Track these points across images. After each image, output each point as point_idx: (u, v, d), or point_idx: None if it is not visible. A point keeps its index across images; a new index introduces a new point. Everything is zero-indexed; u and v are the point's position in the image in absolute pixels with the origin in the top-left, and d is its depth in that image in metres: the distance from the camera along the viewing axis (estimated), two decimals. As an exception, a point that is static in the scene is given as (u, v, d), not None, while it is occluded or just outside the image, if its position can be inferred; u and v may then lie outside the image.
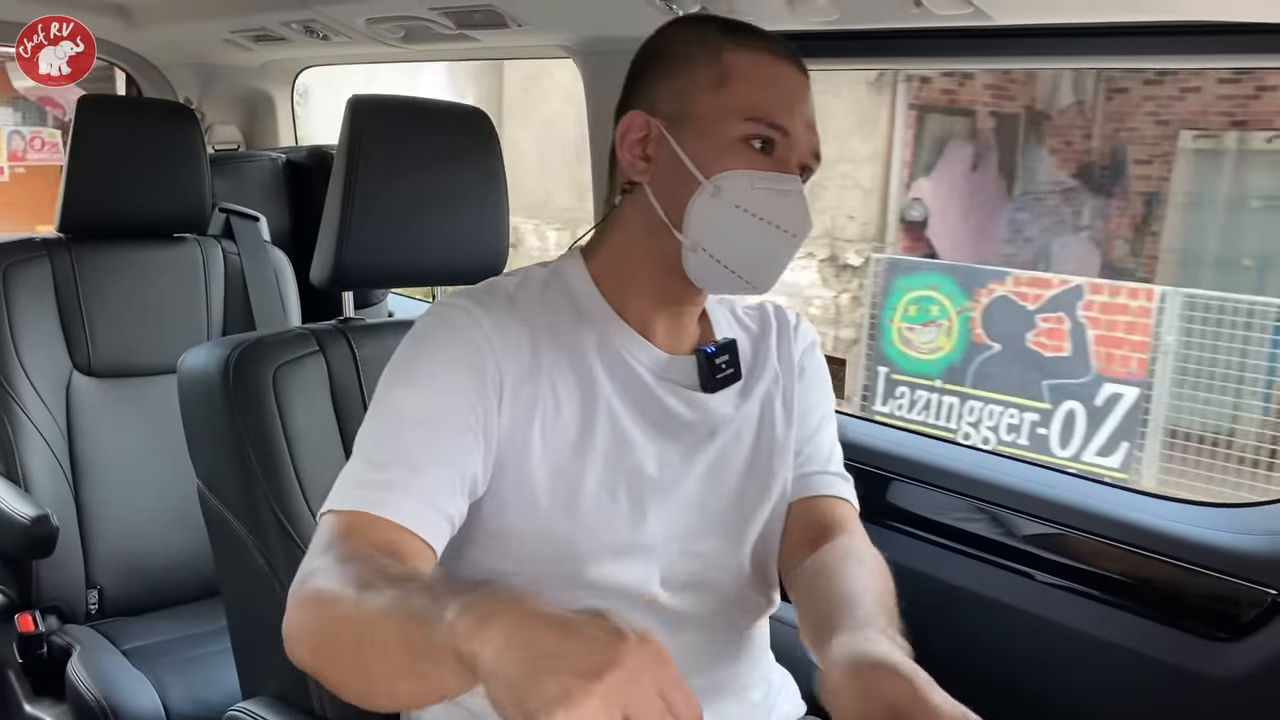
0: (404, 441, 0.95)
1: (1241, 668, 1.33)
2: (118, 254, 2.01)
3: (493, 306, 1.02)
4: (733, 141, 1.01)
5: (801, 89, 1.05)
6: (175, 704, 1.64)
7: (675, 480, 1.06)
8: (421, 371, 0.99)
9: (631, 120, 1.05)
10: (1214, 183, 6.94)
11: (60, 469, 1.89)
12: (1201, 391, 5.52)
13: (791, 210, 1.02)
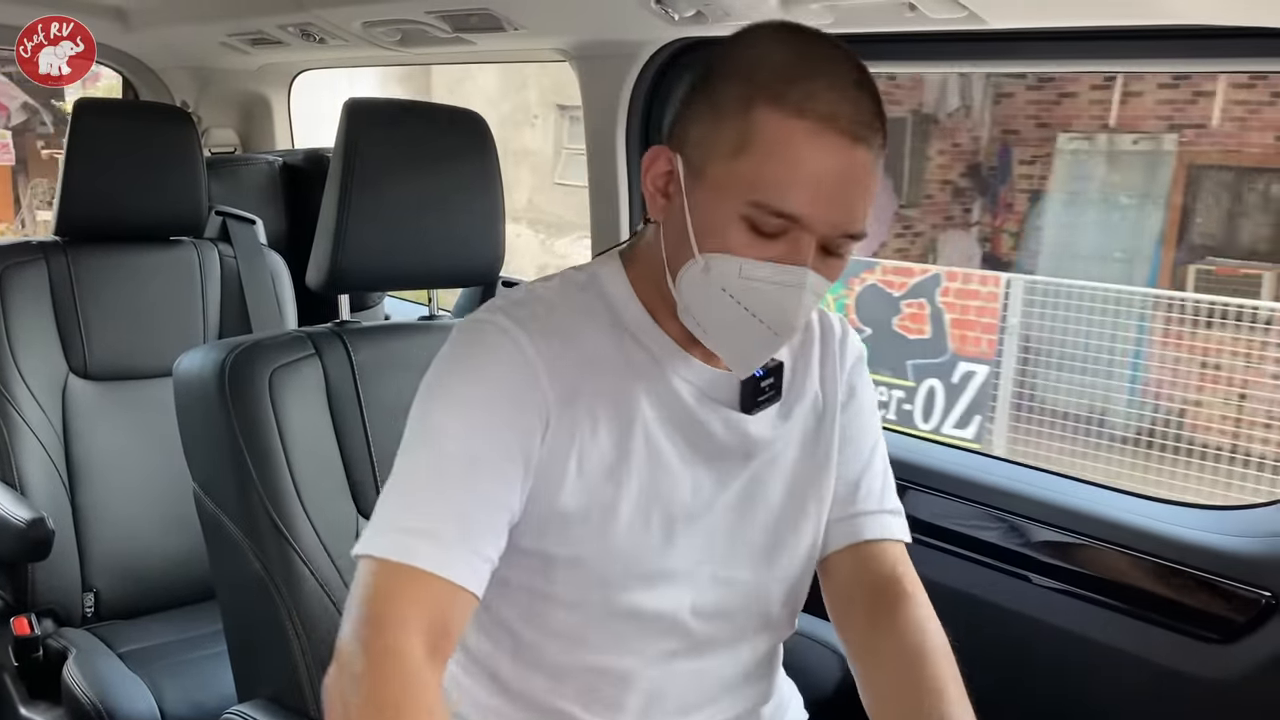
0: (448, 482, 0.91)
1: (1237, 670, 1.33)
2: (114, 257, 2.01)
3: (533, 324, 0.96)
4: (733, 219, 0.91)
5: (841, 169, 0.89)
6: (171, 707, 1.64)
7: (706, 506, 1.02)
8: (463, 401, 0.94)
9: (657, 155, 0.97)
10: (1087, 181, 7.55)
11: (56, 472, 1.89)
12: (1042, 369, 6.11)
13: (781, 306, 0.92)
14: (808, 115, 0.88)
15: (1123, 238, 7.44)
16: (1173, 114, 7.29)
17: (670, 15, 1.55)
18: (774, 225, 0.90)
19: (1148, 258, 7.35)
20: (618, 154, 1.90)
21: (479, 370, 0.95)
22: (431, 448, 0.93)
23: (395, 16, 1.92)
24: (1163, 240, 7.33)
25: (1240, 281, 6.74)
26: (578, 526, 0.97)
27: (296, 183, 2.61)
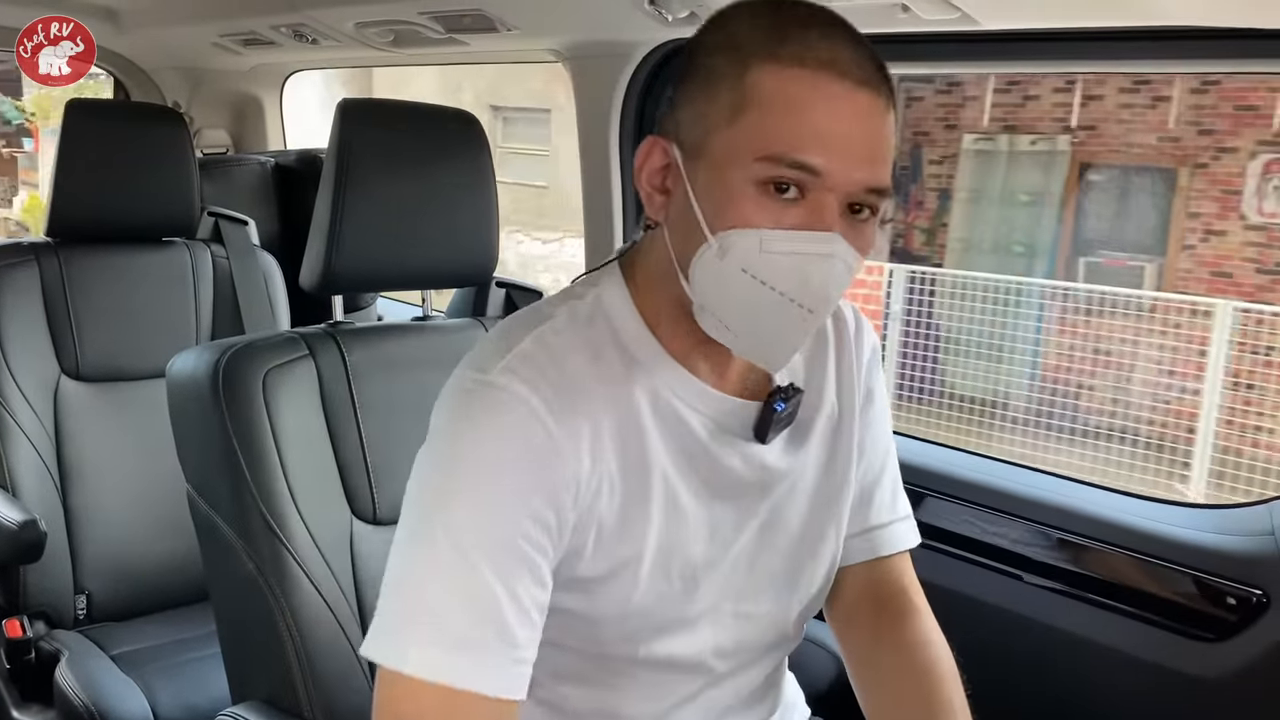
0: (478, 586, 0.81)
1: (1228, 667, 1.34)
2: (106, 258, 2.00)
3: (546, 386, 0.86)
4: (745, 187, 0.82)
5: (851, 113, 0.82)
6: (164, 709, 1.63)
7: (726, 545, 0.96)
8: (481, 488, 0.83)
9: (651, 147, 0.90)
10: (991, 180, 8.01)
11: (48, 474, 1.89)
12: (921, 351, 6.64)
13: (811, 279, 0.83)
14: (807, 63, 0.82)
15: (1023, 233, 7.91)
16: (1066, 116, 7.70)
17: (663, 16, 1.55)
18: (790, 178, 0.82)
19: (1046, 251, 7.78)
20: (611, 155, 1.90)
21: (495, 449, 0.84)
22: (453, 550, 0.82)
23: (388, 17, 1.92)
24: (1059, 235, 7.77)
25: (1125, 273, 7.20)
26: (598, 587, 0.91)
27: (289, 183, 2.60)
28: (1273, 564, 1.32)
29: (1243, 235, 7.04)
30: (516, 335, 0.90)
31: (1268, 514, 1.39)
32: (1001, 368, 6.57)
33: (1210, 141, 7.15)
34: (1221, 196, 7.13)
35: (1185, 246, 7.31)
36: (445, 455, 0.85)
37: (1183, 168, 7.27)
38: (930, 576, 1.57)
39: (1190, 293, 6.69)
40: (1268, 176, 6.89)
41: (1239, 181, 7.01)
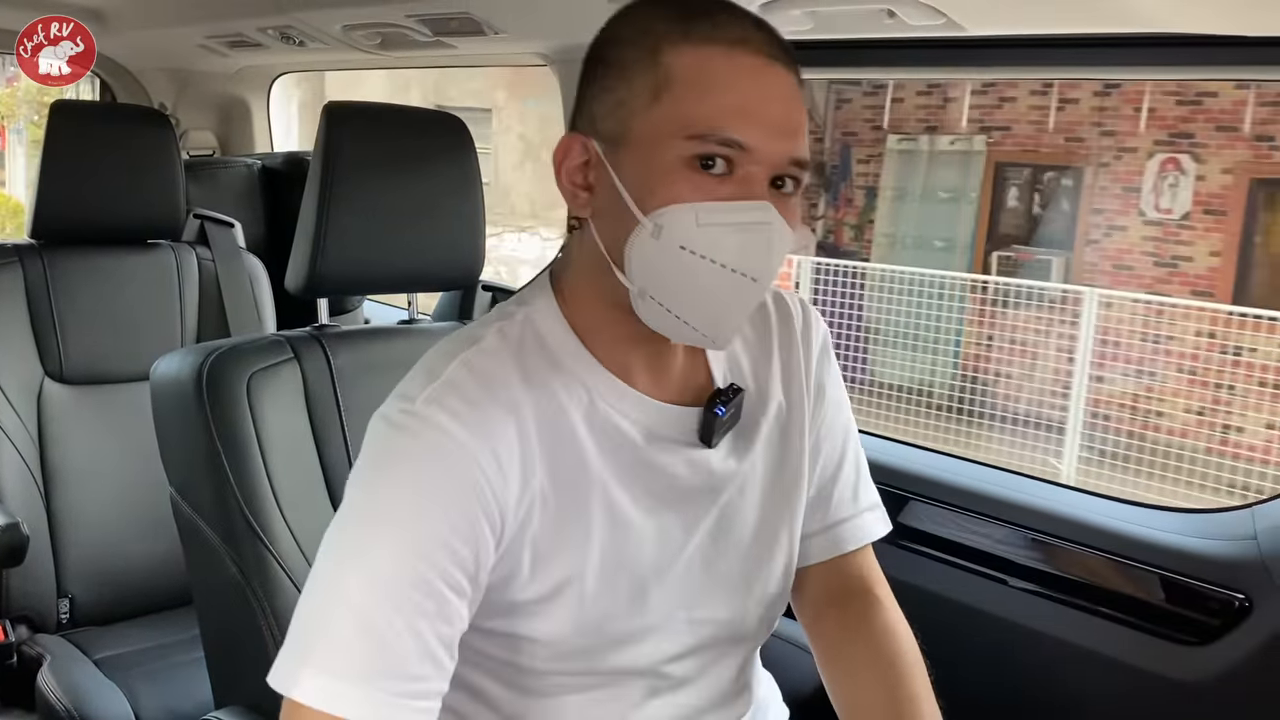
0: (380, 616, 0.80)
1: (1212, 671, 1.34)
2: (90, 260, 1.99)
3: (466, 411, 0.85)
4: (674, 166, 0.83)
5: (767, 86, 0.85)
6: (147, 713, 1.62)
7: (676, 552, 0.94)
8: (396, 525, 0.82)
9: (569, 145, 0.89)
10: (913, 178, 8.48)
11: (31, 477, 1.88)
12: (840, 341, 6.85)
13: (749, 248, 0.84)
14: (718, 41, 0.84)
15: (943, 228, 8.34)
16: (982, 117, 8.20)
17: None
18: (718, 154, 0.83)
19: (965, 246, 8.23)
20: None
21: (414, 487, 0.83)
22: (358, 576, 0.81)
23: (375, 20, 1.92)
24: (975, 230, 8.24)
25: (1034, 266, 7.67)
26: (540, 609, 0.89)
27: (275, 186, 2.60)
28: (1255, 568, 1.33)
29: (1141, 230, 7.48)
30: (443, 362, 0.89)
31: (1250, 518, 1.40)
32: (925, 357, 6.96)
33: (1112, 142, 7.57)
34: (1122, 194, 7.58)
35: (1090, 241, 7.75)
36: (367, 487, 0.85)
37: (1088, 167, 7.73)
38: (914, 580, 1.58)
39: (1095, 285, 7.05)
40: (1163, 175, 7.36)
41: (1138, 179, 7.47)
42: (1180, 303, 6.67)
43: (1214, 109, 7.15)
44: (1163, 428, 6.38)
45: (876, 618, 1.06)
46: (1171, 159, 7.31)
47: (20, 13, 2.10)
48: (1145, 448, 6.16)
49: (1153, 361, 6.47)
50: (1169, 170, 7.34)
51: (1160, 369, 6.49)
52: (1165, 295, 6.81)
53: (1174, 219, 7.37)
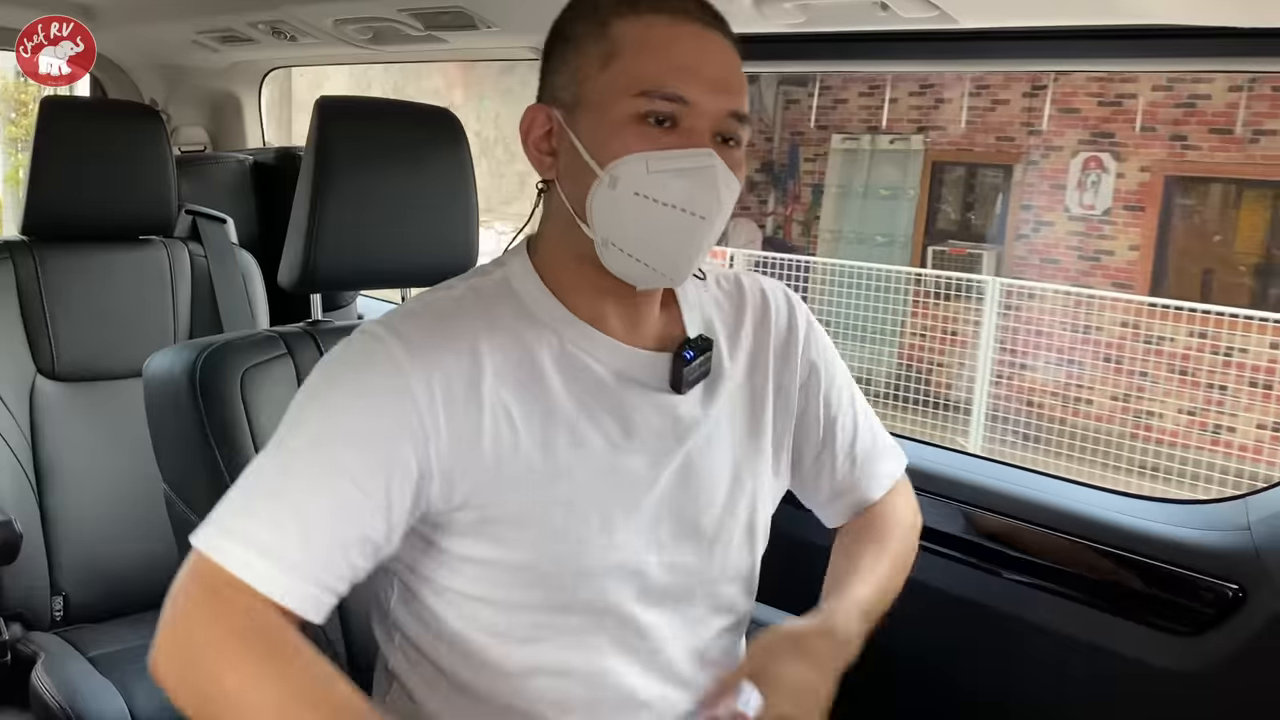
0: (296, 487, 0.89)
1: (1204, 661, 1.35)
2: (82, 256, 1.99)
3: (416, 335, 0.93)
4: (625, 122, 0.92)
5: (706, 49, 0.95)
6: (142, 710, 1.62)
7: (643, 492, 0.99)
8: (329, 407, 0.92)
9: (533, 115, 0.99)
10: (856, 176, 8.96)
11: (24, 474, 1.87)
12: None
13: (696, 189, 0.92)
14: (661, 11, 0.94)
15: (883, 224, 8.82)
16: (920, 118, 8.62)
17: (643, 14, 1.55)
18: (663, 110, 0.92)
19: (905, 241, 8.67)
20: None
21: (350, 379, 0.92)
22: (286, 446, 0.91)
23: (367, 14, 1.91)
24: (914, 226, 8.68)
25: (966, 260, 8.10)
26: (511, 532, 0.94)
27: (268, 181, 2.59)
28: (1249, 559, 1.33)
29: (1067, 225, 7.92)
30: (414, 301, 1.00)
31: (1244, 509, 1.40)
32: (868, 347, 7.35)
33: (1040, 141, 8.02)
34: (1049, 191, 8.01)
35: (1020, 236, 8.21)
36: (311, 387, 0.94)
37: (1017, 165, 8.16)
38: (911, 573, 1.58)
39: (1023, 278, 7.69)
40: (1086, 172, 7.81)
41: (1064, 177, 7.93)
42: (1094, 293, 7.08)
43: (1133, 110, 7.57)
44: (1091, 414, 6.77)
45: (878, 507, 1.18)
46: (1094, 157, 7.76)
47: (11, 9, 2.09)
48: (1068, 432, 6.53)
49: (1080, 351, 6.86)
50: (1091, 168, 7.78)
51: (1088, 358, 6.87)
52: (1084, 287, 7.29)
53: (1096, 215, 7.78)
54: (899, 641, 1.59)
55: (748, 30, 1.57)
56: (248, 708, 0.85)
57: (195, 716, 0.89)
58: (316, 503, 0.89)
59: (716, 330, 1.08)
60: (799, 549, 1.68)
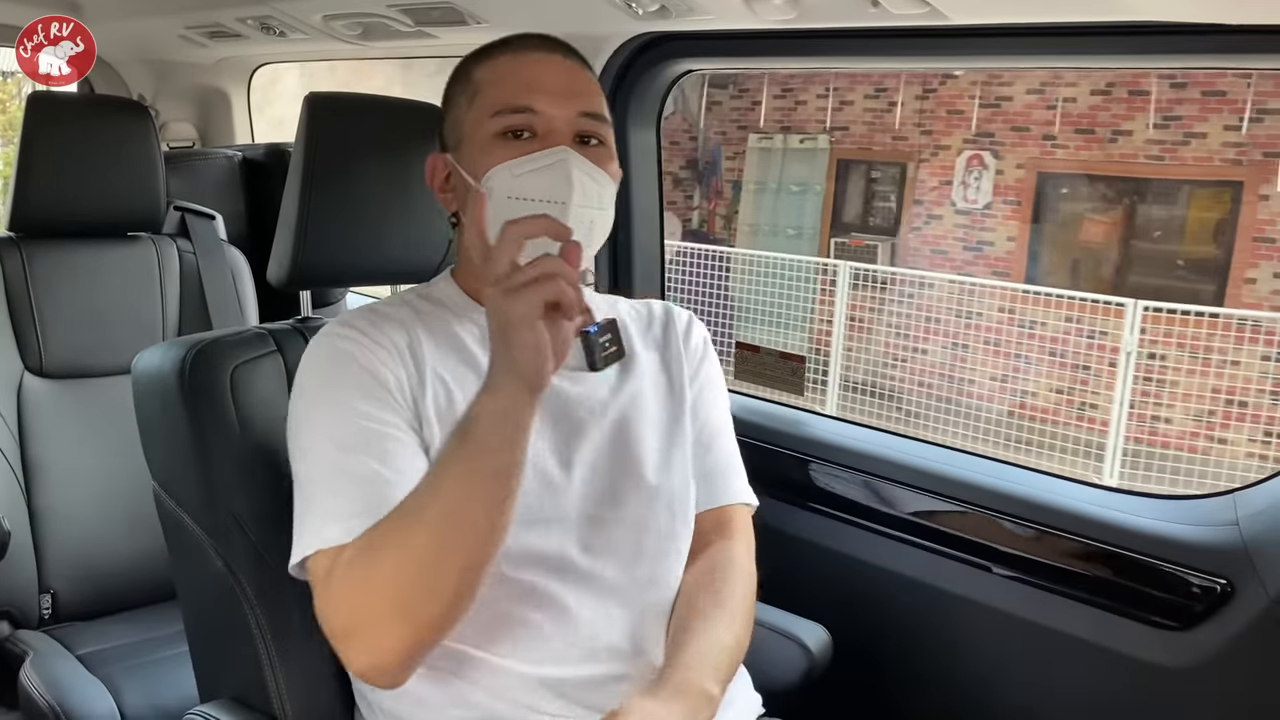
0: (354, 467, 1.02)
1: (1194, 656, 1.36)
2: (70, 253, 1.98)
3: (367, 325, 1.10)
4: (490, 142, 1.08)
5: (547, 68, 1.11)
6: (131, 709, 1.61)
7: (573, 454, 1.12)
8: (336, 395, 1.06)
9: (433, 164, 1.17)
10: (770, 173, 9.65)
11: (11, 471, 1.86)
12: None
13: (554, 182, 1.05)
14: (510, 49, 1.14)
15: (795, 218, 9.57)
16: (826, 118, 9.31)
17: (634, 9, 1.55)
18: (518, 123, 1.08)
19: (813, 233, 9.43)
20: (582, 148, 1.90)
21: (325, 364, 1.09)
22: (317, 447, 1.05)
23: (356, 10, 1.91)
24: (821, 219, 9.43)
25: (863, 251, 8.79)
26: None
27: (257, 177, 2.58)
28: (1236, 553, 1.34)
29: (954, 219, 8.62)
30: (347, 313, 1.15)
31: (1232, 504, 1.41)
32: (781, 331, 7.99)
33: (929, 140, 8.72)
34: (938, 186, 8.70)
35: (913, 228, 8.88)
36: (299, 390, 1.10)
37: (910, 162, 8.85)
38: (901, 568, 1.59)
39: (916, 268, 8.36)
40: (970, 170, 8.51)
41: (951, 174, 8.64)
42: (957, 279, 7.79)
43: (1010, 111, 8.28)
44: (974, 394, 7.36)
45: (727, 545, 1.20)
46: (976, 156, 8.48)
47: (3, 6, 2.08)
48: (955, 410, 7.12)
49: (965, 335, 7.52)
50: (974, 166, 8.50)
51: (972, 342, 7.50)
52: (969, 276, 7.95)
53: (978, 208, 8.50)
54: (888, 637, 1.60)
55: (738, 26, 1.58)
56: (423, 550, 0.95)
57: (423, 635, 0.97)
58: (355, 467, 1.02)
59: (629, 329, 1.23)
60: (795, 545, 1.69)
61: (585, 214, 1.06)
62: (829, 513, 1.69)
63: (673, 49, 1.80)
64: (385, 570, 0.95)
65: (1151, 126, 7.65)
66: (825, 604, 1.48)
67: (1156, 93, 7.54)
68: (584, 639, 1.08)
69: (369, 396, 1.06)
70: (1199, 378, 6.54)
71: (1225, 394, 6.53)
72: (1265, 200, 7.22)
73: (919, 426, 7.12)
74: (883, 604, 1.60)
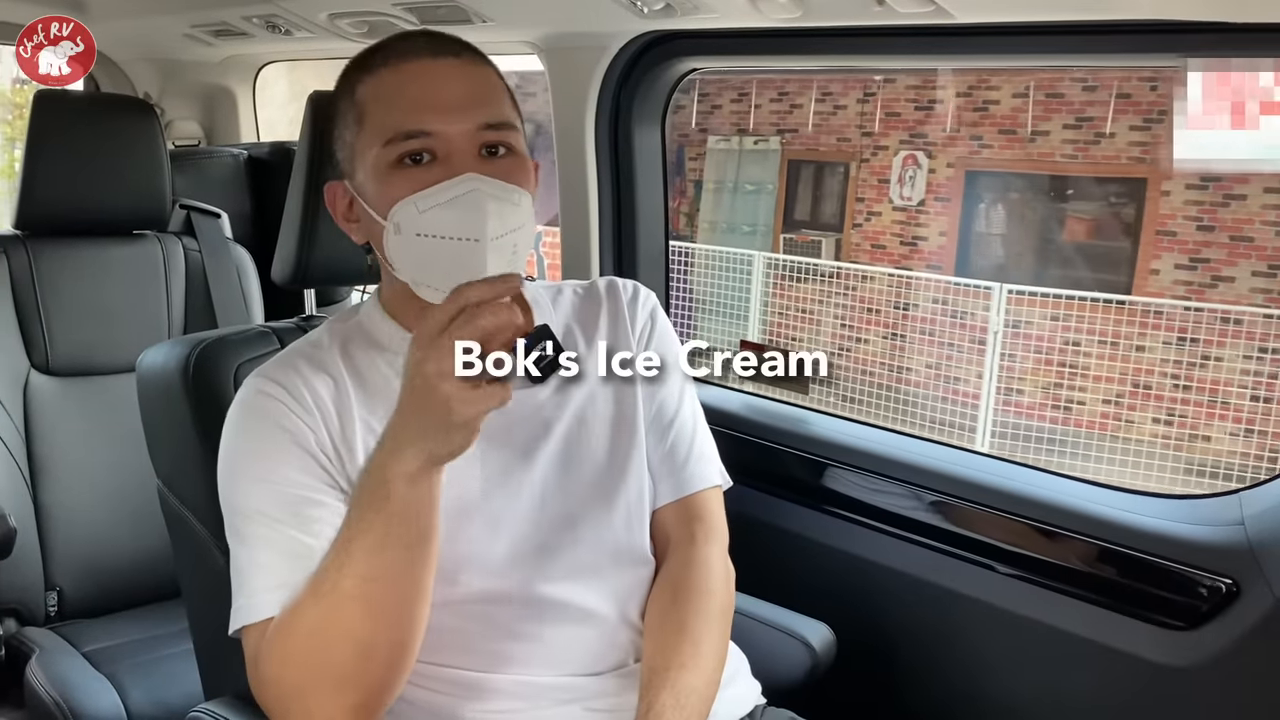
0: (280, 539, 0.98)
1: (1200, 656, 1.35)
2: (76, 251, 1.98)
3: (283, 376, 1.04)
4: (386, 172, 1.00)
5: (436, 78, 1.01)
6: (136, 706, 1.62)
7: (521, 482, 1.07)
8: (257, 463, 1.02)
9: (332, 192, 1.08)
10: (728, 173, 10.00)
11: (17, 469, 1.87)
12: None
13: (465, 215, 0.96)
14: (390, 62, 1.02)
15: (750, 215, 9.94)
16: (778, 120, 9.72)
17: (639, 8, 1.55)
18: (414, 149, 0.98)
19: (767, 230, 9.79)
20: (587, 146, 1.90)
21: (254, 435, 1.03)
22: (243, 520, 1.01)
23: (362, 8, 1.91)
24: (774, 216, 9.79)
25: (809, 246, 9.21)
26: None
27: (262, 176, 2.58)
28: (1242, 553, 1.34)
29: (892, 215, 9.05)
30: (277, 356, 1.10)
31: (1237, 504, 1.40)
32: (740, 323, 8.43)
33: (870, 142, 9.14)
34: (878, 185, 9.11)
35: (855, 225, 9.31)
36: (224, 455, 1.05)
37: (853, 162, 9.28)
38: (905, 567, 1.58)
39: (860, 262, 8.87)
40: (905, 169, 8.91)
41: (889, 172, 9.04)
42: (877, 269, 8.46)
43: (941, 113, 8.71)
44: (911, 380, 7.81)
45: (692, 552, 1.14)
46: (911, 155, 8.89)
47: (6, 4, 2.08)
48: (893, 396, 7.59)
49: (903, 326, 8.00)
50: (909, 165, 8.91)
51: (909, 332, 7.97)
52: (905, 269, 8.56)
53: (913, 205, 8.92)
54: (892, 636, 1.60)
55: (744, 24, 1.58)
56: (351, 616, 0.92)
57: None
58: (278, 539, 0.99)
59: (573, 329, 1.15)
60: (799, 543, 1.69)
61: (506, 242, 0.97)
62: (833, 511, 1.69)
63: (678, 47, 1.80)
64: (306, 644, 0.92)
65: (1065, 127, 8.13)
66: (829, 602, 1.48)
67: (1070, 95, 8.03)
68: (561, 662, 1.07)
69: (291, 461, 1.01)
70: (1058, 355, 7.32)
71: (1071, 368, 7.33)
72: (1166, 196, 7.71)
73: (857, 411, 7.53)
74: (887, 602, 1.60)
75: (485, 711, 1.05)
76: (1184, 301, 7.16)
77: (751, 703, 1.20)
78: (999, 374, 7.49)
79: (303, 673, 0.92)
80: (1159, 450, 6.78)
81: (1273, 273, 7.13)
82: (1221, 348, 6.80)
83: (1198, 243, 7.47)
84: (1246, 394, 6.65)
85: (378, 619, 0.91)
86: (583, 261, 1.96)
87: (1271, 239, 7.15)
